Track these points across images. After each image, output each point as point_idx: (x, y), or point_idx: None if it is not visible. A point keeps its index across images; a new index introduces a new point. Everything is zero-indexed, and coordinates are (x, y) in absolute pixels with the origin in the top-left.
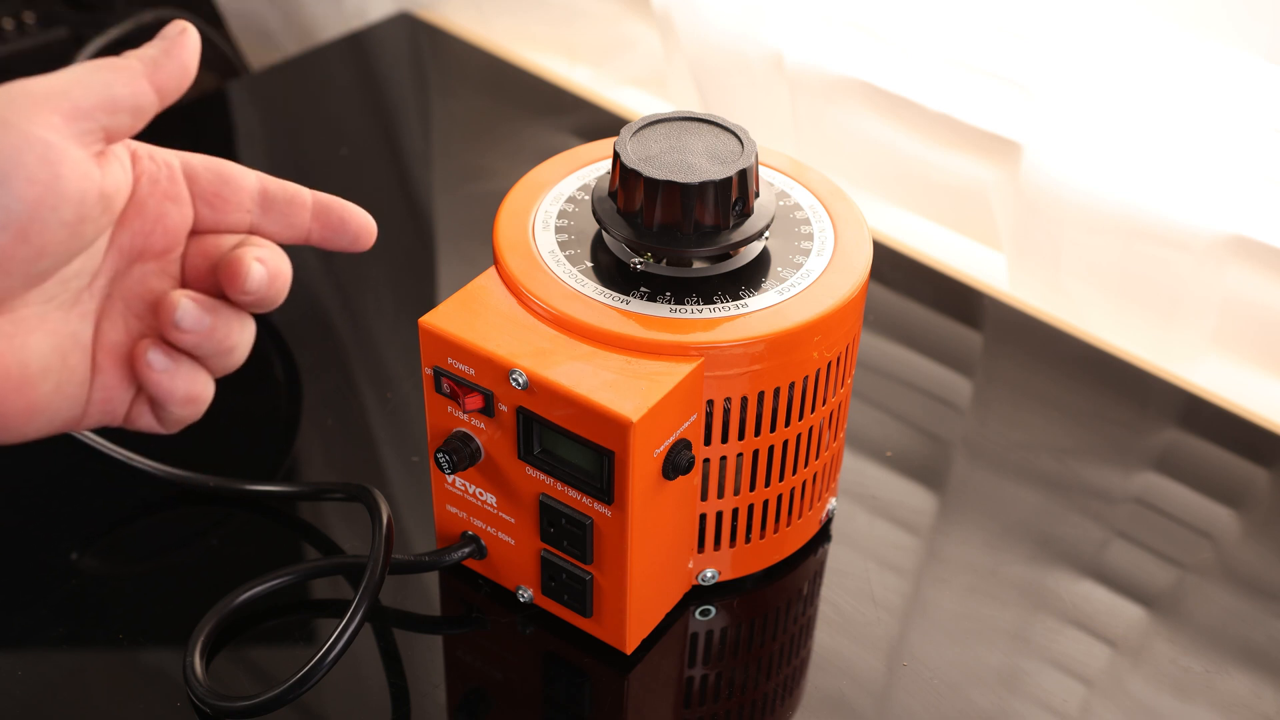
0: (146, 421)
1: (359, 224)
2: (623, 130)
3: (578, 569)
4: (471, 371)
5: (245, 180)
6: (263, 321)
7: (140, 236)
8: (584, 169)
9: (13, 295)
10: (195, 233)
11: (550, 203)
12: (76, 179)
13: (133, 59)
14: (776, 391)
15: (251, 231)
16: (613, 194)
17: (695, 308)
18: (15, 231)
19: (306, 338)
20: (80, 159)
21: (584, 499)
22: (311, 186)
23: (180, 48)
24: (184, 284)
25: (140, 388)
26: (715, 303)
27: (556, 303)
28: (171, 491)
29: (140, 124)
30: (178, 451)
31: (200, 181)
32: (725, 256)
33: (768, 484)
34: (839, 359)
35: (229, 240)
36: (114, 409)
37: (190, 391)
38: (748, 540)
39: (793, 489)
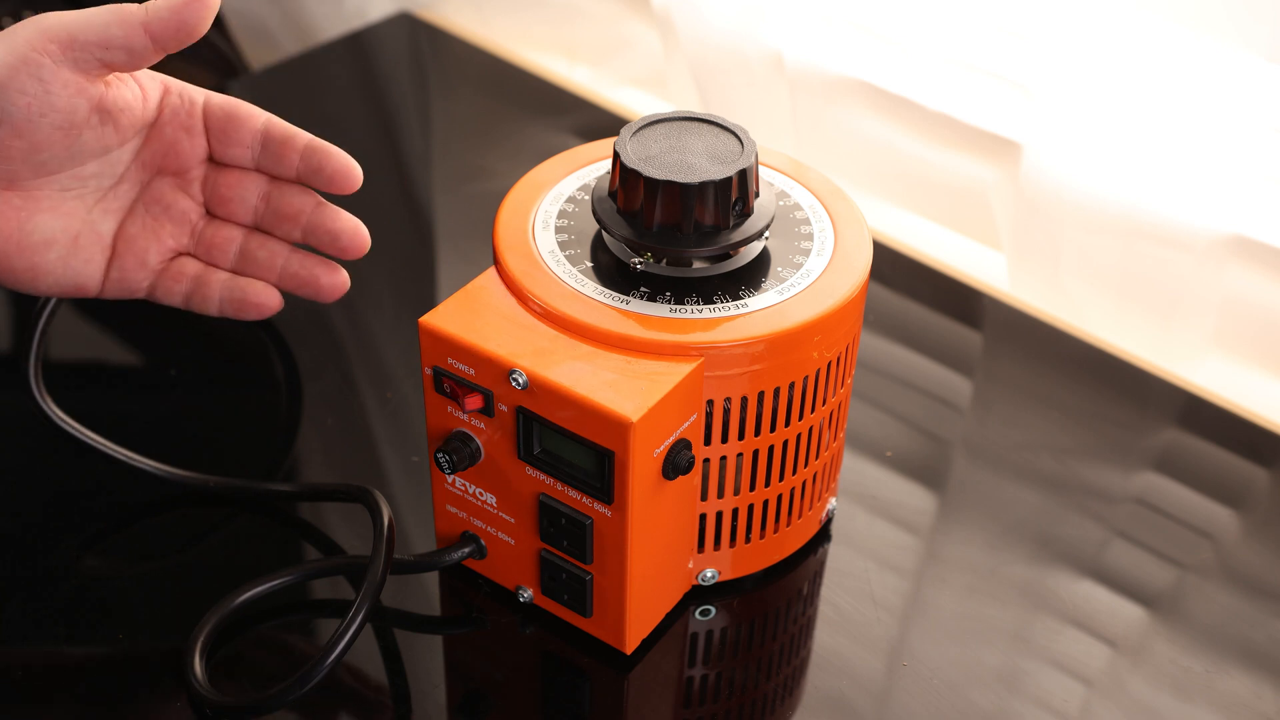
0: (175, 300)
1: (335, 166)
2: (623, 130)
3: (577, 569)
4: (471, 371)
5: (251, 121)
6: (262, 321)
7: (158, 156)
8: (584, 169)
9: (20, 178)
10: (213, 162)
11: (550, 203)
12: (67, 94)
13: (139, 9)
14: (776, 391)
15: (255, 167)
16: (613, 194)
17: (695, 308)
18: (10, 129)
19: (306, 338)
20: (71, 79)
21: (584, 499)
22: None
23: (188, 9)
24: (206, 208)
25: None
26: (715, 303)
27: (556, 303)
28: (171, 491)
29: (140, 63)
30: (178, 451)
31: (213, 118)
32: (725, 256)
33: (768, 484)
34: (839, 359)
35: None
36: (130, 288)
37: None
38: (748, 540)
39: (793, 489)
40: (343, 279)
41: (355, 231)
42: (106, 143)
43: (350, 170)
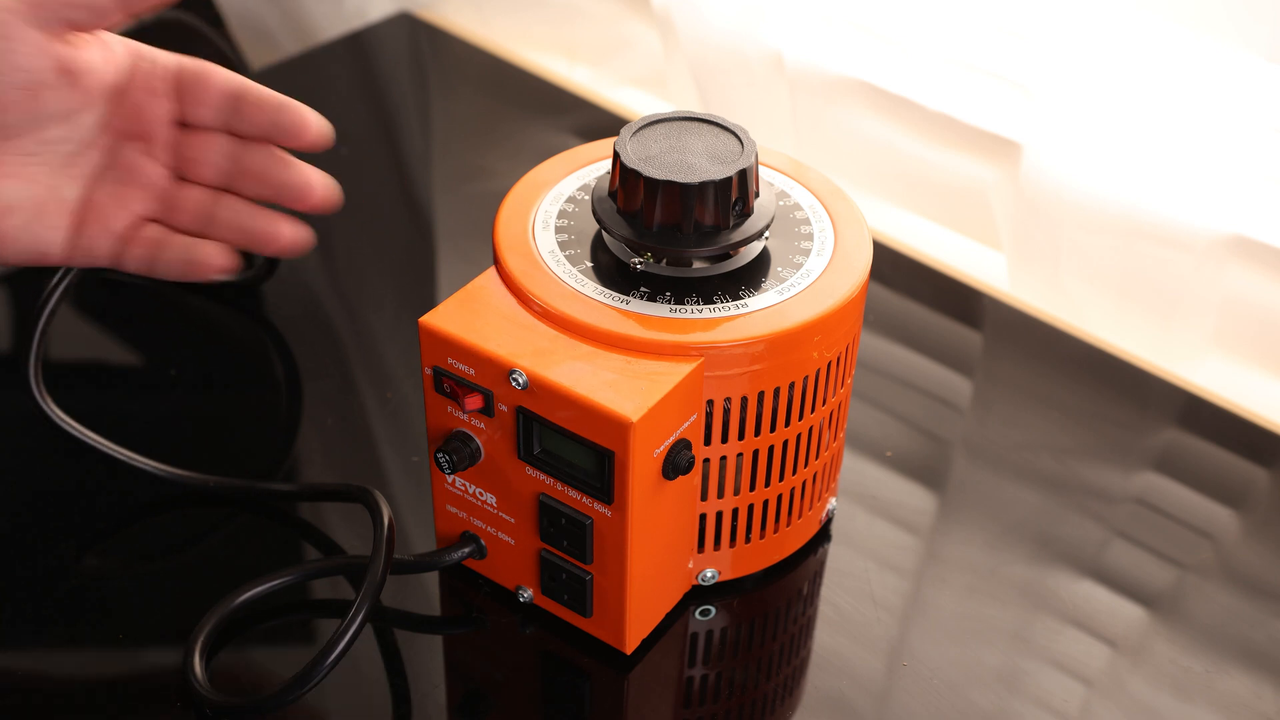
0: (136, 266)
1: (303, 122)
2: (623, 130)
3: (577, 569)
4: (471, 371)
5: (217, 82)
6: (262, 321)
7: (125, 120)
8: (584, 169)
9: None
10: (179, 125)
11: (550, 203)
12: (30, 53)
13: None
14: (776, 391)
15: (221, 128)
16: (613, 194)
17: (695, 308)
18: None
19: (306, 338)
20: (35, 39)
21: (584, 499)
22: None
23: None
24: (180, 173)
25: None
26: (715, 303)
27: (556, 303)
28: (171, 491)
29: (104, 21)
30: (178, 451)
31: (179, 80)
32: (725, 256)
33: (768, 484)
34: (839, 359)
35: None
36: (94, 255)
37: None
38: (748, 540)
39: (793, 489)
40: (306, 233)
41: (325, 184)
42: (70, 105)
43: (319, 125)
